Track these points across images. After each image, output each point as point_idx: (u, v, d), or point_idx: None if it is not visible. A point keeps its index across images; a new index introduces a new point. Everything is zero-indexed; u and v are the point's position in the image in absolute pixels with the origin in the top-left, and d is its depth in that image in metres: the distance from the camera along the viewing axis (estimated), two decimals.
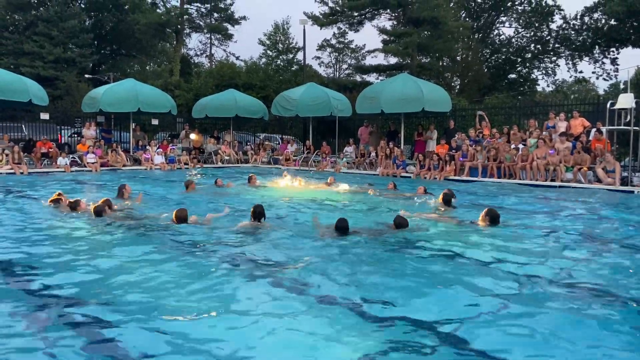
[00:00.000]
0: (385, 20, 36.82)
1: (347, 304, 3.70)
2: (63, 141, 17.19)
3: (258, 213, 6.39)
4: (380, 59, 46.73)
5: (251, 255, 5.11)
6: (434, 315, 3.52)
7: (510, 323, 3.43)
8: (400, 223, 6.30)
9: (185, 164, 18.39)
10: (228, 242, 5.73)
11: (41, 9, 38.10)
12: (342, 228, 5.90)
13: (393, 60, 36.36)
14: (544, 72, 39.28)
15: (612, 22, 31.91)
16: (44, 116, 18.80)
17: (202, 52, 48.67)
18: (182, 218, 6.45)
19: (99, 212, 6.84)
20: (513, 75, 40.14)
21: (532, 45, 38.35)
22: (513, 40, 39.32)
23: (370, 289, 4.08)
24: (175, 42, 42.00)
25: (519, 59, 39.18)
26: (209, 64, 46.08)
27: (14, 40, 36.05)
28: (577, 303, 3.82)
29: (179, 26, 40.22)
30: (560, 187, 12.42)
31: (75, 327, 3.26)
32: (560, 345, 3.09)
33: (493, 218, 6.74)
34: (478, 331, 3.26)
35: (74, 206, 7.40)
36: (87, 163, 16.41)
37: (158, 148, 18.45)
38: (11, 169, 14.47)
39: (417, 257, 5.22)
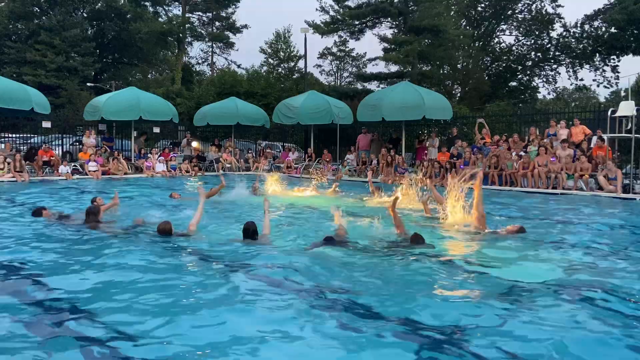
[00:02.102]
0: (386, 29, 37.00)
1: (355, 313, 3.67)
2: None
3: (252, 232, 5.92)
4: (381, 67, 46.67)
5: (246, 269, 4.88)
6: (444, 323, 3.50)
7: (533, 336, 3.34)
8: (416, 239, 5.95)
9: (187, 171, 18.41)
10: (221, 258, 5.47)
11: (43, 18, 38.39)
12: (330, 239, 5.89)
13: (394, 68, 36.45)
14: (544, 79, 39.35)
15: (613, 30, 32.00)
16: (46, 124, 18.87)
17: (203, 60, 48.96)
18: (165, 231, 6.27)
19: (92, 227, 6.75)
20: (514, 83, 40.18)
21: (533, 53, 38.46)
22: (514, 48, 39.45)
23: (381, 299, 4.04)
24: (176, 51, 42.21)
25: (520, 67, 39.26)
26: (210, 72, 46.31)
27: (17, 49, 36.29)
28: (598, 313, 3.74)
29: (180, 35, 40.43)
30: (562, 194, 12.40)
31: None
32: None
33: (520, 227, 6.76)
34: (494, 343, 3.21)
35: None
36: (89, 171, 16.44)
37: (159, 156, 18.48)
38: (13, 177, 14.51)
39: (429, 268, 5.12)
